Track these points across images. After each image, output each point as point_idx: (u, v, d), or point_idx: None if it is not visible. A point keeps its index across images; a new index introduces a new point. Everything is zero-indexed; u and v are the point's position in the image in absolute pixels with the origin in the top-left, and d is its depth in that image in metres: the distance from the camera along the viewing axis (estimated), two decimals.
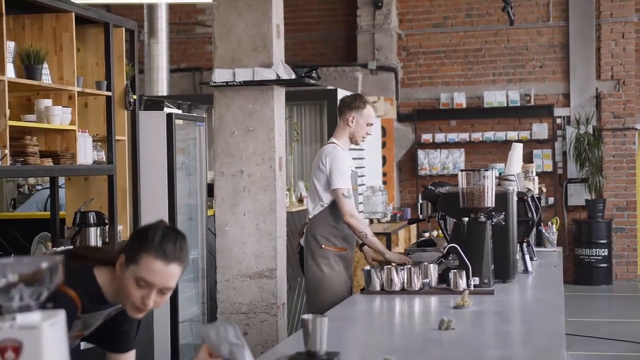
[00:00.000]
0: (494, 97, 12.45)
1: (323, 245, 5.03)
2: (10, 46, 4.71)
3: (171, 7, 12.32)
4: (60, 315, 1.87)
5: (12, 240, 6.14)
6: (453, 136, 12.57)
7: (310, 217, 5.12)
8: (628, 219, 12.35)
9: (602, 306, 10.92)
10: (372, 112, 5.19)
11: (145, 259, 2.49)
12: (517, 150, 5.58)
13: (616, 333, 8.71)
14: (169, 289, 2.54)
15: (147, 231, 2.55)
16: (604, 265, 11.97)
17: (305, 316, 2.62)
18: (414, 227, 10.54)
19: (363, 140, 5.25)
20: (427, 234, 10.20)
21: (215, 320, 2.65)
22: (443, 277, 4.24)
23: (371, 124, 5.18)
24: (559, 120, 12.46)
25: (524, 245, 4.94)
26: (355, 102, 5.16)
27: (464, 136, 12.53)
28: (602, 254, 11.94)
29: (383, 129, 11.91)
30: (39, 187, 8.46)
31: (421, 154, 12.64)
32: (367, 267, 4.26)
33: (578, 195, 12.30)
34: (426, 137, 12.64)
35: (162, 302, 2.58)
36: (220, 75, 5.33)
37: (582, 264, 12.00)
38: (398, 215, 10.44)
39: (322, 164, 5.02)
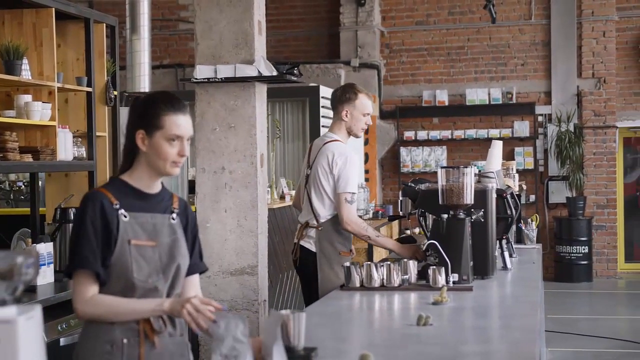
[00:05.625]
0: (476, 95, 12.49)
1: (341, 252, 4.86)
2: None
3: (154, 4, 12.26)
4: (37, 310, 1.87)
5: None
6: (435, 134, 12.60)
7: (321, 220, 4.85)
8: (608, 216, 12.43)
9: (582, 303, 10.98)
10: (366, 101, 4.91)
11: (170, 119, 2.82)
12: (497, 148, 5.61)
13: (596, 329, 8.77)
14: (191, 136, 2.90)
15: (148, 103, 2.87)
16: (585, 262, 12.05)
17: (284, 312, 2.63)
18: (395, 224, 10.56)
19: (363, 131, 5.02)
20: (408, 231, 10.23)
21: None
22: (423, 274, 4.25)
23: (368, 114, 4.92)
24: (540, 118, 12.52)
25: (503, 242, 4.96)
26: (345, 94, 4.91)
27: (446, 134, 12.57)
28: (583, 251, 12.02)
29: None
30: (20, 184, 8.40)
31: (403, 151, 12.67)
32: (347, 264, 4.27)
33: (559, 193, 12.37)
34: (409, 134, 12.67)
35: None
36: (201, 71, 5.30)
37: (563, 261, 12.07)
38: (380, 212, 10.44)
39: (334, 165, 4.83)
